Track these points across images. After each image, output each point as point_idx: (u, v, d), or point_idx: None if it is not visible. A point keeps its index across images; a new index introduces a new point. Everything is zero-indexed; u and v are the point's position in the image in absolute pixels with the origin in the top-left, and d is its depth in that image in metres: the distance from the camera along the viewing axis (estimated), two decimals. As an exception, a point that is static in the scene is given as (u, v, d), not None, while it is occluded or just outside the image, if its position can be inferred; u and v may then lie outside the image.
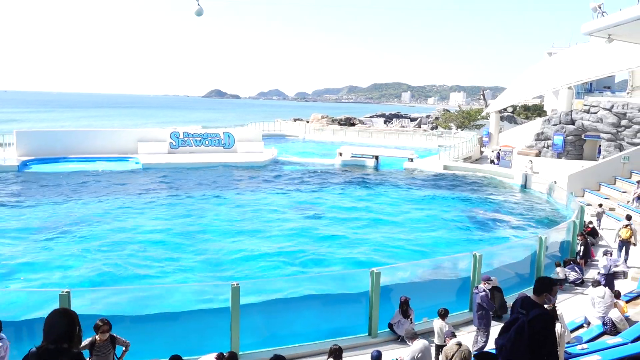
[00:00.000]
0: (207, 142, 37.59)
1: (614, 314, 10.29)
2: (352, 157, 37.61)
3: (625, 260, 15.39)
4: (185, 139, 37.04)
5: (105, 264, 14.88)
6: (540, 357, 4.62)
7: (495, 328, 10.91)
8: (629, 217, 16.49)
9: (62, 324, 4.06)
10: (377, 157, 37.45)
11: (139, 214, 20.83)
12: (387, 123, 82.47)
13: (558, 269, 13.79)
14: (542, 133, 40.20)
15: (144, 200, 23.25)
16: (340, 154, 37.99)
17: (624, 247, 15.57)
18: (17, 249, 15.91)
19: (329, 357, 7.90)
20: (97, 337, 7.05)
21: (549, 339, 4.67)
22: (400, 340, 10.39)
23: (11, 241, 16.71)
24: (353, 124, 72.44)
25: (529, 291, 12.73)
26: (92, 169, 30.30)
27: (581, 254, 15.51)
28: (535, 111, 72.07)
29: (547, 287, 4.98)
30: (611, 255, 14.21)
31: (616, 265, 13.89)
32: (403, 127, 75.13)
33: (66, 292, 8.39)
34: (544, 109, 66.63)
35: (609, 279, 13.02)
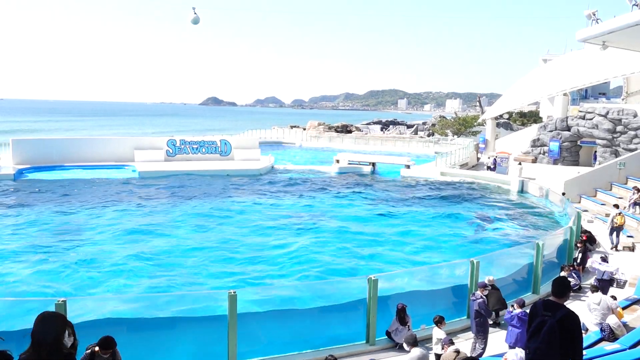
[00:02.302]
0: (203, 150, 37.58)
1: (612, 320, 10.28)
2: (349, 164, 37.64)
3: (617, 244, 17.94)
4: (182, 146, 37.03)
5: (101, 272, 14.81)
6: (573, 353, 4.88)
7: (493, 335, 10.91)
8: (617, 206, 19.11)
9: (51, 328, 4.03)
10: (374, 164, 37.49)
11: (136, 222, 20.75)
12: (384, 130, 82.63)
13: (563, 274, 13.77)
14: (538, 139, 40.35)
15: (140, 208, 23.18)
16: (337, 161, 38.01)
17: (616, 232, 18.02)
18: (12, 258, 15.81)
19: None
20: (99, 351, 6.94)
21: (579, 336, 4.97)
22: (398, 347, 10.35)
23: (6, 250, 16.61)
24: (350, 131, 72.57)
25: (527, 297, 12.75)
26: (89, 177, 30.22)
27: (579, 260, 15.54)
28: (531, 117, 72.32)
29: (568, 288, 5.19)
30: (606, 261, 14.24)
31: (614, 273, 13.89)
32: (400, 134, 75.30)
33: (62, 300, 8.35)
34: (540, 115, 66.92)
35: (604, 284, 13.04)
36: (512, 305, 10.36)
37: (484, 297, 10.36)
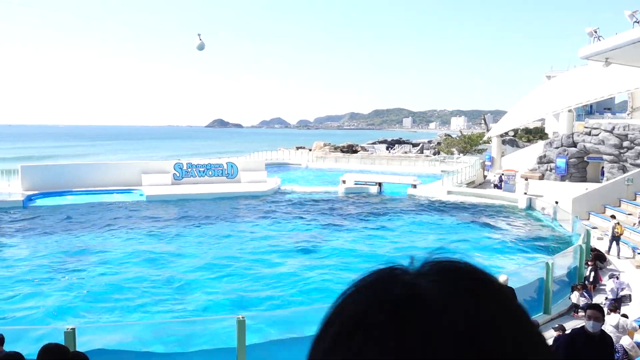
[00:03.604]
0: (210, 173, 37.74)
1: (625, 341, 10.13)
2: (356, 184, 37.66)
3: (619, 252, 18.84)
4: (189, 169, 37.21)
5: (110, 299, 14.81)
6: None
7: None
8: (613, 217, 20.51)
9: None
10: (380, 184, 37.48)
11: (144, 246, 20.79)
12: (390, 149, 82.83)
13: (575, 294, 13.63)
14: (545, 156, 40.27)
15: (148, 232, 23.25)
16: (344, 182, 38.05)
17: (616, 241, 18.96)
18: (20, 285, 15.86)
19: None
20: None
21: None
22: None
23: (15, 276, 16.67)
24: (355, 151, 72.77)
25: (539, 317, 12.62)
26: (97, 201, 30.40)
27: (590, 279, 15.38)
28: (536, 134, 72.25)
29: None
30: (617, 278, 14.12)
31: (622, 289, 13.77)
32: (405, 153, 75.41)
33: (71, 328, 8.33)
34: (546, 131, 66.90)
35: (617, 304, 12.87)
36: None
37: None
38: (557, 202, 25.76)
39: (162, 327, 11.09)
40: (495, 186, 35.44)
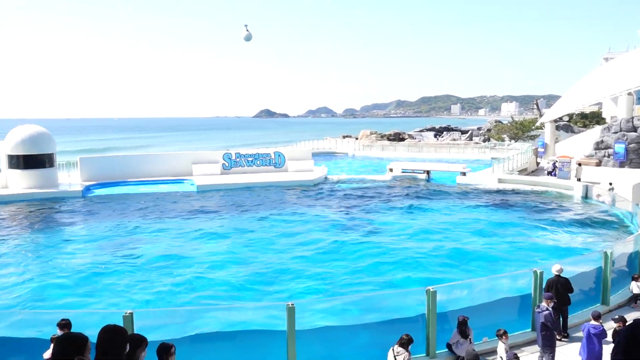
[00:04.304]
0: (258, 162, 38.28)
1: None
2: (403, 172, 37.28)
3: None
4: (238, 159, 37.86)
5: (164, 285, 15.31)
6: None
7: (561, 348, 10.46)
8: None
9: (112, 340, 4.26)
10: (428, 172, 36.95)
11: (196, 235, 21.35)
12: (438, 137, 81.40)
13: (635, 284, 13.11)
14: (602, 141, 38.57)
15: (200, 221, 23.84)
16: (391, 170, 37.74)
17: None
18: (83, 271, 16.61)
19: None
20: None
21: None
22: (459, 361, 10.12)
23: (76, 263, 17.48)
24: (402, 139, 71.95)
25: (597, 308, 12.16)
26: (150, 191, 31.39)
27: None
28: (593, 119, 69.32)
29: None
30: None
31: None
32: (454, 140, 73.93)
33: (129, 313, 8.68)
34: (603, 116, 64.04)
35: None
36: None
37: (550, 309, 9.96)
38: (611, 185, 24.58)
39: (211, 312, 11.37)
40: (549, 173, 34.27)
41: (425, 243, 19.88)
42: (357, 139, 71.53)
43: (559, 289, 11.18)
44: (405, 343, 8.59)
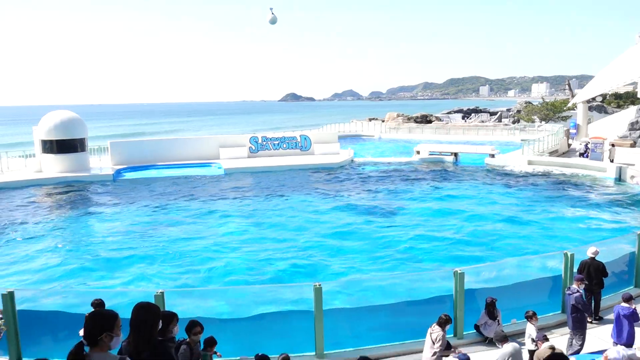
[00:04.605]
0: (284, 145, 38.39)
1: None
2: (430, 155, 36.91)
3: None
4: (264, 143, 38.05)
5: (194, 266, 15.60)
6: None
7: (592, 330, 10.31)
8: None
9: (150, 317, 4.38)
10: (456, 154, 36.50)
11: (224, 217, 21.63)
12: (465, 119, 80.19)
13: None
14: (637, 122, 37.37)
15: (227, 204, 24.12)
16: (418, 152, 37.41)
17: None
18: (115, 252, 17.05)
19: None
20: (190, 338, 7.33)
21: None
22: (487, 342, 10.08)
23: (109, 245, 17.94)
24: (429, 121, 71.08)
25: (630, 290, 11.91)
26: (179, 174, 31.85)
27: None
28: (628, 99, 67.09)
29: None
30: None
31: None
32: (482, 122, 72.72)
33: (160, 292, 8.89)
34: (638, 96, 61.88)
35: None
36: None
37: (581, 291, 9.80)
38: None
39: (240, 293, 11.56)
40: (581, 155, 33.45)
41: (452, 225, 19.73)
42: (383, 121, 70.94)
43: (591, 272, 10.99)
44: (443, 323, 8.69)
